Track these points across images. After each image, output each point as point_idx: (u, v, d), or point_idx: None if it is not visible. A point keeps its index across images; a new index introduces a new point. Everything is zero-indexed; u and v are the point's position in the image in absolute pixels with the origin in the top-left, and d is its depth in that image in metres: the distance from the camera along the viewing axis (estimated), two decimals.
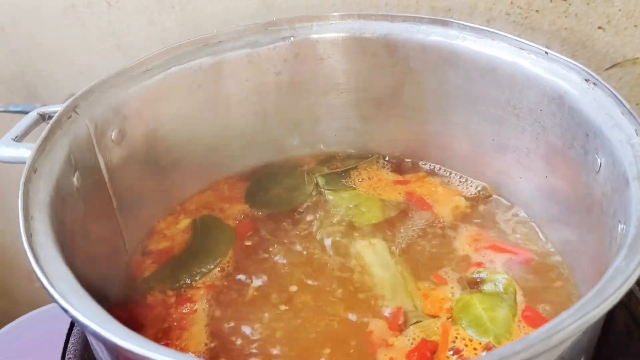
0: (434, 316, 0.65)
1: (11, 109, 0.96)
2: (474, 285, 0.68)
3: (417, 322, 0.64)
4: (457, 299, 0.66)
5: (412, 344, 0.62)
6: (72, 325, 0.69)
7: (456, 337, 0.62)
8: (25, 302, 1.28)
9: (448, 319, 0.64)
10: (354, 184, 0.82)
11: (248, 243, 0.75)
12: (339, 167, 0.85)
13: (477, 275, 0.68)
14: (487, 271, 0.68)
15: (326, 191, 0.81)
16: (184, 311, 0.67)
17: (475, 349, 0.61)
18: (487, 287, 0.67)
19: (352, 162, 0.85)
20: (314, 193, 0.81)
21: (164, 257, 0.74)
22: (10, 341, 1.09)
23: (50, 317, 1.11)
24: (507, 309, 0.64)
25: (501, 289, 0.66)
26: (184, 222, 0.78)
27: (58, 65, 0.99)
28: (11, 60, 1.00)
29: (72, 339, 0.66)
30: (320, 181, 0.83)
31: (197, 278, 0.70)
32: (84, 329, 0.44)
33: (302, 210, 0.79)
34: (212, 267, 0.72)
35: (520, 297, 0.66)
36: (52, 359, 0.68)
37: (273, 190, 0.82)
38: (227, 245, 0.74)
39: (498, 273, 0.68)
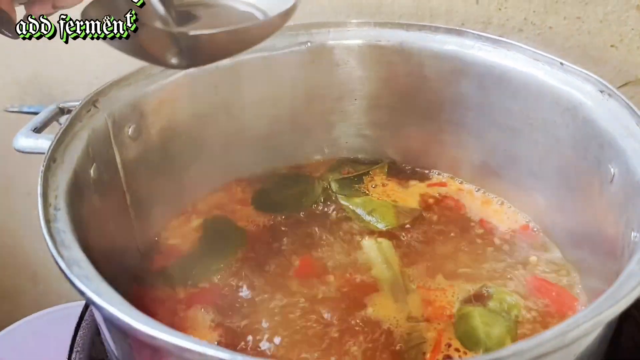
0: (429, 321, 0.64)
1: (25, 109, 0.97)
2: (479, 299, 0.67)
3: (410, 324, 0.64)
4: (459, 308, 0.65)
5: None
6: (80, 320, 0.69)
7: (449, 345, 0.62)
8: (29, 304, 1.28)
9: (443, 329, 0.63)
10: (367, 190, 0.82)
11: (257, 245, 0.75)
12: (351, 173, 0.85)
13: (486, 290, 0.68)
14: (496, 288, 0.68)
15: (339, 196, 0.81)
16: (191, 309, 0.67)
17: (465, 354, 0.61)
18: (492, 304, 0.66)
19: (363, 168, 0.86)
20: (322, 199, 0.81)
21: (176, 254, 0.74)
22: (14, 341, 1.09)
23: (55, 319, 1.11)
24: (505, 329, 0.63)
25: (505, 309, 0.65)
26: (196, 222, 0.78)
27: (73, 68, 1.00)
28: (26, 62, 1.01)
29: (80, 333, 0.66)
30: (334, 186, 0.83)
31: (207, 276, 0.71)
32: (99, 312, 0.45)
33: (311, 215, 0.79)
34: (222, 266, 0.72)
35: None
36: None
37: (280, 194, 0.82)
38: (236, 245, 0.75)
39: (508, 294, 0.67)
